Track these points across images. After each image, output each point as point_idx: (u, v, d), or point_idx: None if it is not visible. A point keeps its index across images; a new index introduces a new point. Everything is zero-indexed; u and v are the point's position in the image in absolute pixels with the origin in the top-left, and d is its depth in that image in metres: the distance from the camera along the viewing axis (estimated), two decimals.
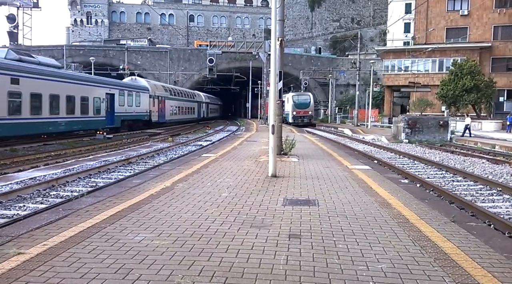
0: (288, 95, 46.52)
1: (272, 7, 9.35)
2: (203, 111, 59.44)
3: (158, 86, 38.15)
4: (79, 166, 12.64)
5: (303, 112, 45.86)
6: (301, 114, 45.68)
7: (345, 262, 3.77)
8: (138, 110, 31.89)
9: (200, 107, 56.82)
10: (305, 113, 45.97)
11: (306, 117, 46.05)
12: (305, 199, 6.43)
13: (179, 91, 46.56)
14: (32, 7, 62.62)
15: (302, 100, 46.52)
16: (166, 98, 39.14)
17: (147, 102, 33.73)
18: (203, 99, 59.50)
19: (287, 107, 45.61)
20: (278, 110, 11.58)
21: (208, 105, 63.35)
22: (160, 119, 36.96)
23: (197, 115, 54.45)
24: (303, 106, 46.15)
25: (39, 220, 5.10)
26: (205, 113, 60.88)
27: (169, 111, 39.96)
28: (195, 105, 53.61)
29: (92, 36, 78.24)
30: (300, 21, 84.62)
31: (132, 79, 34.72)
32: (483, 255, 3.99)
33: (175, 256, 3.88)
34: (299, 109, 45.81)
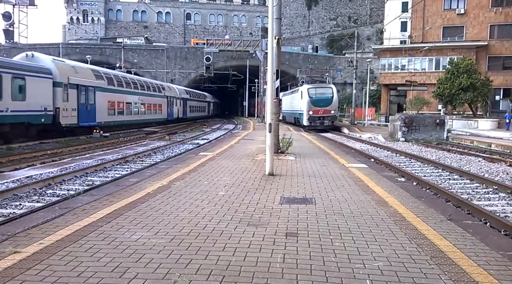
0: (302, 88, 34.37)
1: (269, 6, 9.34)
2: (178, 110, 45.42)
3: (78, 69, 24.43)
4: (76, 165, 12.60)
5: (323, 111, 31.97)
6: (320, 114, 31.93)
7: (341, 260, 3.78)
8: (25, 106, 19.01)
9: (171, 103, 42.80)
10: (326, 112, 32.00)
11: (328, 118, 32.05)
12: (302, 197, 6.43)
13: (126, 80, 31.77)
14: (28, 5, 62.23)
15: (322, 94, 32.95)
16: (98, 89, 25.73)
17: (50, 94, 20.88)
18: (177, 94, 45.67)
19: (300, 104, 33.53)
20: (275, 108, 11.58)
21: (186, 102, 49.67)
22: (84, 121, 23.80)
23: (167, 115, 41.05)
24: (324, 102, 32.28)
25: (35, 219, 5.09)
26: (180, 112, 46.65)
27: (105, 109, 26.76)
28: (162, 102, 39.68)
29: (88, 34, 77.96)
30: (297, 20, 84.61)
31: (28, 56, 21.53)
32: (479, 253, 4.01)
33: (172, 254, 3.88)
34: (318, 106, 32.07)
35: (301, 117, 33.42)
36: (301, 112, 33.40)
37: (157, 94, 38.45)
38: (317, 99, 32.17)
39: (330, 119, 32.17)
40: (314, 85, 35.66)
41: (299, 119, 34.46)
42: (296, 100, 35.64)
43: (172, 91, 44.47)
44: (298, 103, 34.32)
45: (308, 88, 33.22)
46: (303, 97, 32.98)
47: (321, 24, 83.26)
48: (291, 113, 39.24)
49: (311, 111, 31.79)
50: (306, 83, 37.62)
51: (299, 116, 34.40)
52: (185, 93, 50.73)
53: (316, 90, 33.10)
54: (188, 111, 51.69)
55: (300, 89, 34.61)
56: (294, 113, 37.20)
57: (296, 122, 36.39)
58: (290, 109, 39.57)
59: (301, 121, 33.39)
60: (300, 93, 34.19)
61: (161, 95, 39.82)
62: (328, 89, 33.62)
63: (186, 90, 52.62)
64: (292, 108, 38.67)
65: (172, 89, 45.21)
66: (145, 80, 38.74)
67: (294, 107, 37.49)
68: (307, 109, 31.97)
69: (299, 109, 33.97)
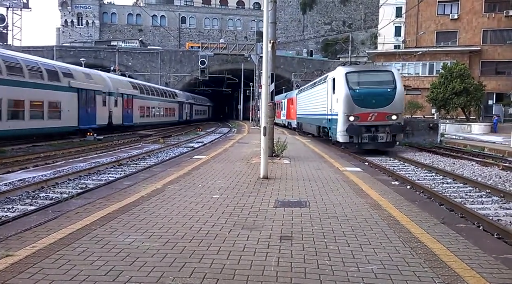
0: (334, 73, 18.68)
1: (264, 10, 9.38)
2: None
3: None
4: (69, 168, 12.53)
5: (376, 115, 16.98)
6: (371, 121, 16.96)
7: (336, 264, 3.78)
8: None
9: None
10: (381, 118, 17.04)
11: (385, 129, 16.95)
12: (297, 200, 6.44)
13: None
14: (22, 8, 62.10)
15: (374, 83, 17.65)
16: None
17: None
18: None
19: (331, 102, 18.62)
20: (270, 112, 11.60)
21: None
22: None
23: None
24: (378, 99, 17.13)
25: (28, 222, 5.05)
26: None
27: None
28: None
29: (83, 37, 77.69)
30: (292, 24, 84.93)
31: None
32: (472, 256, 4.03)
33: (166, 258, 3.86)
34: (367, 107, 16.96)
35: (331, 125, 18.28)
36: (331, 118, 18.24)
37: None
38: (365, 93, 16.74)
39: (389, 131, 16.55)
40: (358, 67, 21.07)
41: (327, 129, 19.30)
42: (322, 97, 20.25)
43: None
44: (327, 102, 19.01)
45: (346, 72, 17.27)
46: (337, 89, 17.44)
47: (316, 29, 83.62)
48: (312, 118, 23.59)
49: (352, 115, 16.54)
50: (342, 65, 22.84)
51: (327, 125, 19.14)
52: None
53: (362, 77, 17.54)
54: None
55: (331, 75, 18.63)
56: (318, 119, 21.61)
57: (321, 133, 21.30)
58: (310, 113, 24.31)
59: (331, 133, 18.25)
60: (330, 83, 18.53)
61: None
62: (386, 74, 17.80)
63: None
64: (313, 111, 23.26)
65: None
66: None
67: (317, 108, 21.81)
68: (344, 111, 16.67)
69: (328, 112, 18.77)
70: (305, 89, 28.03)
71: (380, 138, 16.85)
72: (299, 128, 29.94)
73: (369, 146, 17.01)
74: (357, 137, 16.58)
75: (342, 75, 17.26)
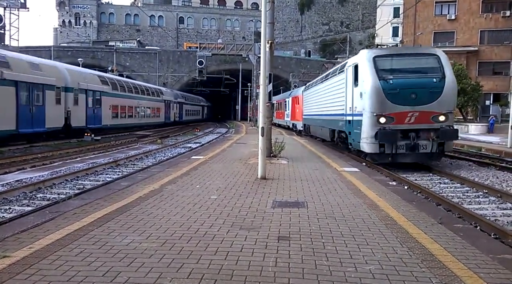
0: (357, 58, 13.30)
1: (262, 10, 9.38)
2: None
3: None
4: (66, 168, 12.50)
5: (418, 115, 11.82)
6: (410, 123, 11.86)
7: (333, 264, 3.79)
8: None
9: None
10: (424, 119, 11.86)
11: (432, 133, 11.90)
12: (294, 201, 6.44)
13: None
14: (20, 8, 61.90)
15: (413, 70, 12.34)
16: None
17: None
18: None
19: (352, 98, 13.47)
20: (268, 112, 11.61)
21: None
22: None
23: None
24: (422, 93, 11.86)
25: (25, 223, 5.03)
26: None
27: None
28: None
29: (80, 37, 77.59)
30: (290, 24, 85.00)
31: None
32: (469, 256, 4.04)
33: (164, 258, 3.86)
34: (407, 104, 11.83)
35: (351, 129, 13.67)
36: (352, 119, 13.58)
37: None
38: (402, 85, 12.04)
39: (435, 138, 12.04)
40: (390, 50, 14.60)
41: (345, 133, 14.68)
42: (337, 92, 15.72)
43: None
44: (345, 98, 14.42)
45: (375, 56, 12.62)
46: (360, 80, 12.75)
47: (314, 29, 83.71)
48: (324, 120, 18.83)
49: (384, 116, 11.96)
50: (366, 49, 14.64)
51: (346, 128, 14.47)
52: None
53: (397, 62, 12.65)
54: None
55: (352, 61, 13.94)
56: (331, 121, 17.00)
57: (336, 139, 16.80)
58: (320, 113, 19.54)
59: (352, 140, 13.68)
60: (350, 72, 13.82)
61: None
62: (429, 58, 12.84)
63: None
64: (324, 111, 18.47)
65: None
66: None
67: (330, 107, 17.10)
68: (373, 109, 12.06)
69: (347, 112, 14.15)
70: (313, 84, 22.43)
71: (422, 148, 11.87)
72: (306, 131, 25.26)
73: (406, 158, 12.12)
74: (391, 146, 11.69)
75: (369, 60, 12.22)
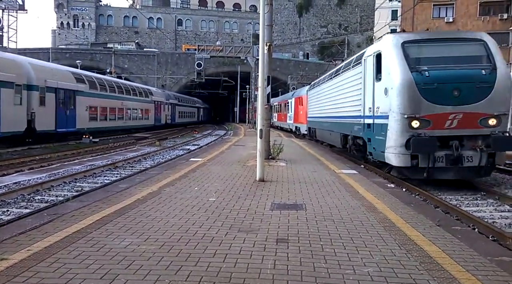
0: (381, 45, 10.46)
1: (261, 13, 9.41)
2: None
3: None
4: (65, 171, 12.48)
5: (462, 117, 9.08)
6: (452, 129, 9.14)
7: (332, 266, 3.79)
8: None
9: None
10: (469, 122, 9.11)
11: (480, 141, 9.16)
12: (293, 203, 6.44)
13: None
14: (18, 9, 61.86)
15: (457, 62, 9.38)
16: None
17: None
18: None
19: (372, 96, 10.76)
20: (266, 114, 11.63)
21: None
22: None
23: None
24: (467, 89, 9.07)
25: (23, 225, 5.02)
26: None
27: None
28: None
29: (79, 39, 77.51)
30: (288, 27, 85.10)
31: None
32: (467, 258, 4.05)
33: (162, 261, 3.86)
34: (447, 104, 9.10)
35: (372, 135, 10.98)
36: (373, 122, 10.85)
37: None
38: (441, 78, 9.19)
39: (484, 148, 9.14)
40: (423, 34, 10.62)
41: (363, 140, 12.03)
42: (352, 88, 13.09)
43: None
44: (362, 95, 11.80)
45: (404, 41, 9.74)
46: (385, 72, 10.00)
47: (312, 31, 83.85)
48: (333, 123, 16.22)
49: (417, 118, 9.16)
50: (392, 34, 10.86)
51: (364, 134, 11.77)
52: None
53: (433, 49, 9.80)
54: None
55: (373, 50, 11.10)
56: (344, 124, 14.44)
57: (349, 146, 14.02)
58: (329, 114, 16.86)
59: (373, 148, 10.95)
60: (370, 63, 11.14)
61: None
62: (473, 45, 9.94)
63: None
64: (334, 112, 15.84)
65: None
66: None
67: (341, 108, 14.59)
68: (403, 110, 9.26)
69: (366, 113, 11.53)
70: (320, 82, 19.50)
71: (468, 160, 9.16)
72: (311, 135, 22.58)
73: (447, 174, 9.41)
74: (427, 158, 8.98)
75: (396, 46, 9.62)
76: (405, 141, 9.22)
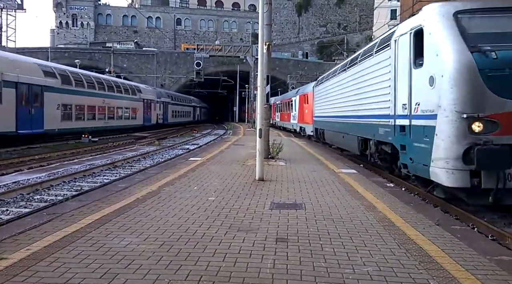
0: (423, 17, 7.67)
1: (260, 12, 9.40)
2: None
3: None
4: (64, 170, 12.47)
5: None
6: None
7: (331, 266, 3.79)
8: None
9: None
10: None
11: None
12: (292, 202, 6.44)
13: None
14: (16, 9, 61.81)
15: None
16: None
17: None
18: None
19: (416, 90, 7.74)
20: (266, 114, 11.62)
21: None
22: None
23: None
24: None
25: (22, 225, 5.02)
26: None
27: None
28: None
29: (77, 38, 77.41)
30: (287, 26, 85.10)
31: None
32: (467, 257, 4.06)
33: (162, 260, 3.86)
34: None
35: (409, 141, 8.06)
36: (411, 123, 7.98)
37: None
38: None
39: None
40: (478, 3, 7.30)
41: (392, 146, 9.19)
42: (377, 80, 10.10)
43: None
44: (392, 88, 8.93)
45: (457, 11, 7.11)
46: (429, 55, 7.32)
47: (311, 31, 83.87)
48: (347, 124, 13.46)
49: (481, 119, 6.45)
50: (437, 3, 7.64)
51: (396, 139, 8.74)
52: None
53: (498, 20, 7.09)
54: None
55: (408, 25, 8.30)
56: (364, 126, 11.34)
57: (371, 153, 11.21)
58: (342, 113, 14.27)
59: (407, 159, 8.16)
60: (405, 43, 8.36)
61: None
62: None
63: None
64: (349, 110, 13.12)
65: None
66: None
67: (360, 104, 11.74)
68: (458, 107, 6.59)
69: (399, 112, 8.58)
70: (330, 76, 16.65)
71: None
72: (319, 137, 20.14)
73: None
74: (494, 176, 6.47)
75: (447, 18, 7.25)
76: (463, 152, 6.54)
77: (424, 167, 7.37)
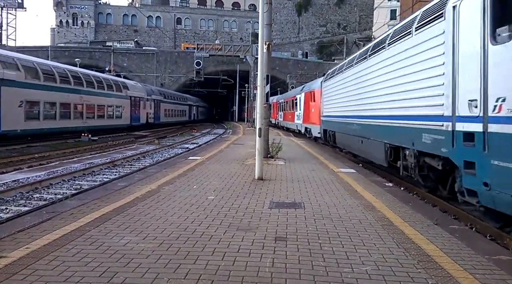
0: None
1: (260, 11, 9.41)
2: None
3: None
4: (63, 169, 12.48)
5: None
6: None
7: (330, 265, 3.80)
8: None
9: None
10: None
11: None
12: (291, 201, 6.45)
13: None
14: (17, 7, 61.78)
15: None
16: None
17: None
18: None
19: (504, 80, 4.73)
20: (265, 113, 11.63)
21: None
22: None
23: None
24: None
25: (22, 223, 5.02)
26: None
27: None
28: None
29: (78, 37, 77.39)
30: (287, 26, 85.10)
31: None
32: (465, 257, 4.07)
33: (161, 259, 3.86)
34: None
35: (479, 157, 5.33)
36: (487, 130, 5.11)
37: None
38: None
39: None
40: None
41: (454, 163, 6.17)
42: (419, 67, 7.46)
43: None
44: (450, 76, 6.15)
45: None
46: None
47: (311, 31, 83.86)
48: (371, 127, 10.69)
49: None
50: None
51: (456, 153, 6.03)
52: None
53: None
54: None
55: None
56: (396, 130, 8.78)
57: (407, 167, 8.59)
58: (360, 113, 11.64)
59: (477, 183, 5.40)
60: (466, 13, 5.74)
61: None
62: None
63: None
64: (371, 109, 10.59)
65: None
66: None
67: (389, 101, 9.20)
68: None
69: (461, 112, 5.85)
70: (344, 68, 14.08)
71: None
72: (328, 140, 17.76)
73: None
74: None
75: None
76: None
77: (510, 197, 4.79)
